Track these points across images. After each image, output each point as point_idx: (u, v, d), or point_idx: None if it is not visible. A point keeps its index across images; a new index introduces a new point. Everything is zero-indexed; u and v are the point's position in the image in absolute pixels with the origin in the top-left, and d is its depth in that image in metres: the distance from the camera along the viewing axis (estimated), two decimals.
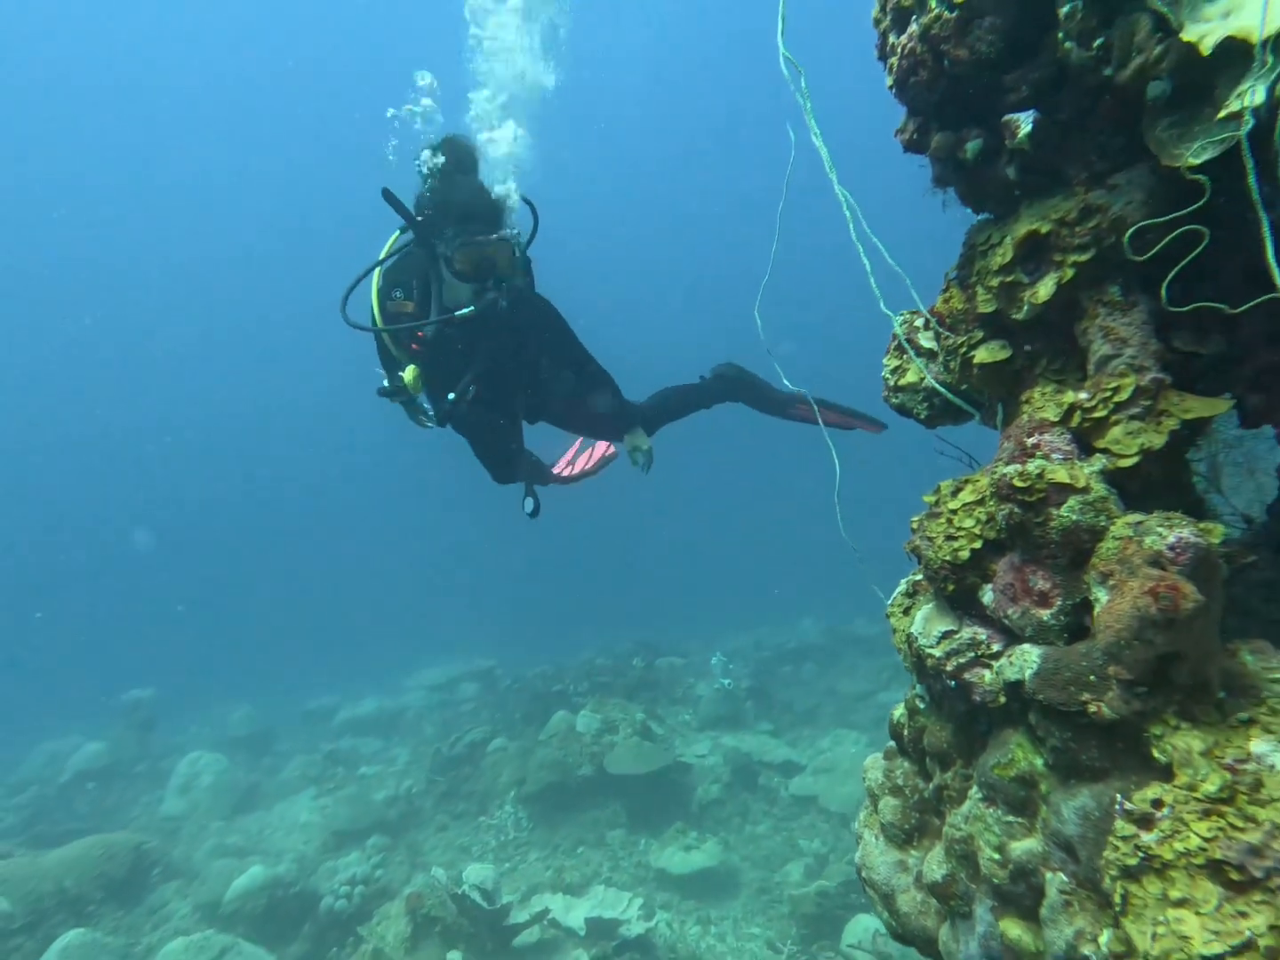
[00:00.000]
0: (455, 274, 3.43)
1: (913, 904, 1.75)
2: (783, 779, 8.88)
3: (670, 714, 10.84)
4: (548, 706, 10.28)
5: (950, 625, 1.64)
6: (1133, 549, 1.35)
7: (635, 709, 9.62)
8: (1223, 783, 1.25)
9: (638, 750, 8.45)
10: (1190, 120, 1.31)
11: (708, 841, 7.70)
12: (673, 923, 6.77)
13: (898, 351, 2.00)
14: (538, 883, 7.30)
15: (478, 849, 8.27)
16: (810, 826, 8.08)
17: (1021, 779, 1.53)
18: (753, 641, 14.50)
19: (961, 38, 1.50)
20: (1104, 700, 1.37)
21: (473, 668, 13.73)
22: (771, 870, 7.52)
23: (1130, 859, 1.26)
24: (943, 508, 1.66)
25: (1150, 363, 1.47)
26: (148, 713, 13.03)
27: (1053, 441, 1.51)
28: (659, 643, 13.85)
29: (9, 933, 6.84)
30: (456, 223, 3.38)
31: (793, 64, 1.65)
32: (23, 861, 7.75)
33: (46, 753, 12.99)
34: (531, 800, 8.53)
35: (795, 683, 12.24)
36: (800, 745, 9.76)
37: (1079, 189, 1.51)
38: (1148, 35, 1.32)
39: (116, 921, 7.33)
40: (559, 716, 9.36)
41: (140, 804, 10.83)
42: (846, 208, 1.66)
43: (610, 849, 7.88)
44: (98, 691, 14.68)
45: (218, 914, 7.17)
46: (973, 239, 1.75)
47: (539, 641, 15.21)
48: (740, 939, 6.64)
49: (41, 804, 11.09)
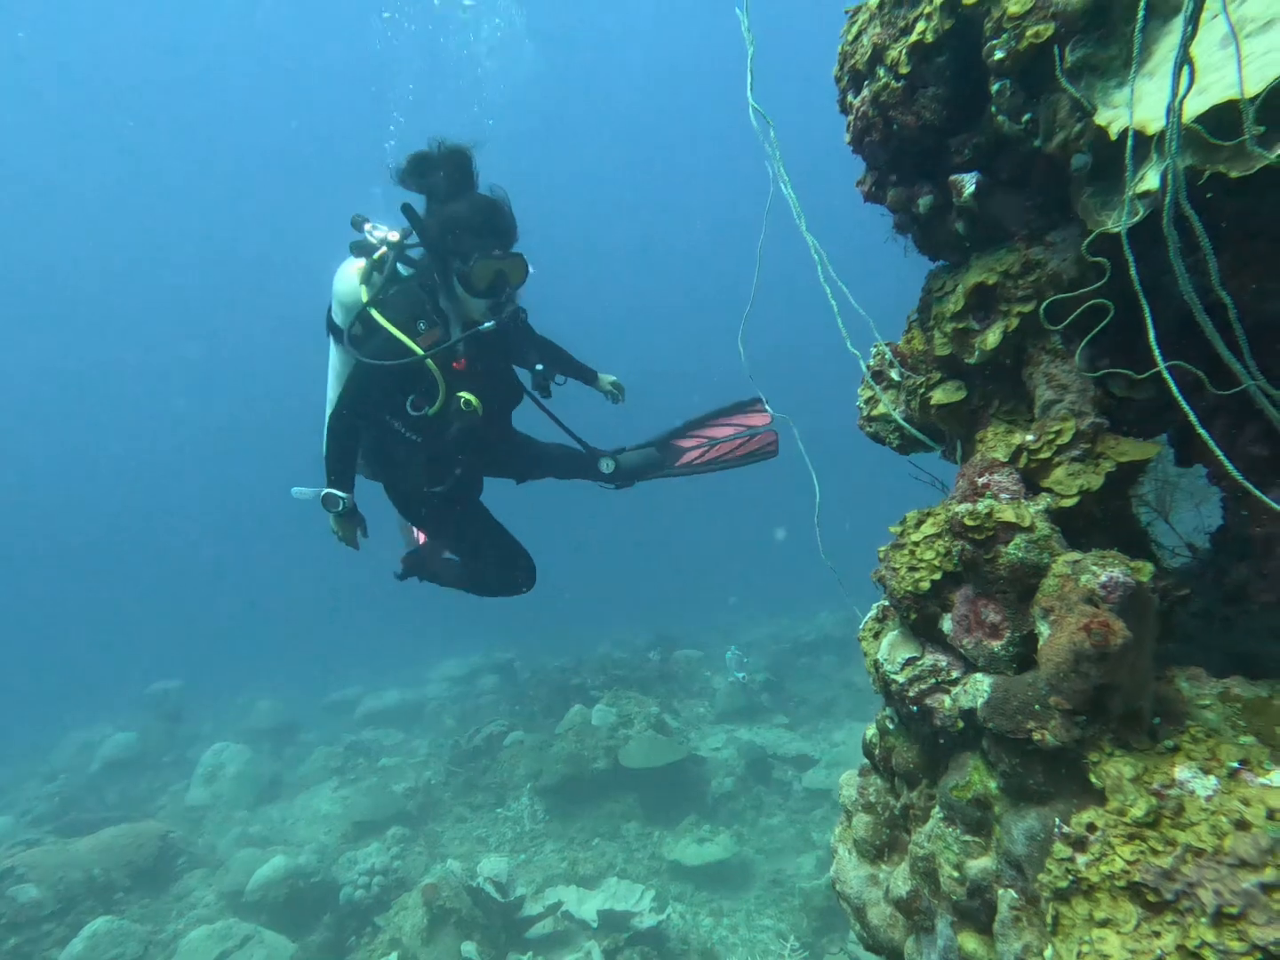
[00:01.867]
0: (471, 290, 3.39)
1: (882, 917, 1.84)
2: (797, 772, 8.97)
3: (686, 707, 10.96)
4: (566, 699, 10.42)
5: (913, 652, 1.73)
6: (1070, 586, 1.43)
7: (650, 702, 9.74)
8: (1149, 807, 1.34)
9: (652, 744, 8.57)
10: (1111, 190, 1.40)
11: (721, 834, 7.80)
12: (685, 914, 6.88)
13: (872, 382, 2.08)
14: (553, 874, 7.43)
15: (495, 840, 8.41)
16: (823, 819, 8.16)
17: (978, 801, 1.61)
18: (770, 634, 14.56)
19: (908, 105, 1.59)
20: (1047, 728, 1.45)
21: (492, 660, 13.89)
22: (784, 862, 7.62)
23: (1061, 881, 1.35)
24: (906, 539, 1.74)
25: (1089, 408, 1.56)
26: (174, 704, 13.33)
27: (1001, 481, 1.59)
28: (676, 635, 13.96)
29: (39, 919, 7.06)
30: (476, 237, 3.35)
31: (762, 116, 1.74)
32: (53, 849, 7.97)
33: (77, 742, 13.30)
34: (548, 793, 8.67)
35: (811, 675, 12.29)
36: (815, 738, 9.84)
37: (1020, 245, 1.60)
38: (1068, 114, 1.41)
39: (143, 909, 7.54)
40: (575, 710, 9.50)
41: (167, 793, 11.07)
42: (815, 252, 1.74)
43: (625, 841, 8.00)
44: (126, 682, 15.00)
45: (241, 902, 7.35)
46: (930, 285, 1.84)
47: (558, 634, 15.33)
48: (752, 930, 6.74)
49: (72, 792, 11.36)
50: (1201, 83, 1.15)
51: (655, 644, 12.95)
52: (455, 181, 3.41)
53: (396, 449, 3.79)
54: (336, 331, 3.61)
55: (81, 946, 6.47)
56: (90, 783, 11.72)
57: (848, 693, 11.37)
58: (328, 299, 3.65)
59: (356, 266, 3.53)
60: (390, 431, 3.73)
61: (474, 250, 3.33)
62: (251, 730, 12.81)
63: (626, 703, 9.46)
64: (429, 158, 3.40)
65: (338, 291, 3.56)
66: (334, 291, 3.58)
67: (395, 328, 3.35)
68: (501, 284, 3.41)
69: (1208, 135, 1.14)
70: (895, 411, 1.95)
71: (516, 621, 17.85)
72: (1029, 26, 1.41)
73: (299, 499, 3.77)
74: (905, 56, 1.56)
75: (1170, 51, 1.21)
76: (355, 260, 3.57)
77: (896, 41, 1.58)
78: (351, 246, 3.61)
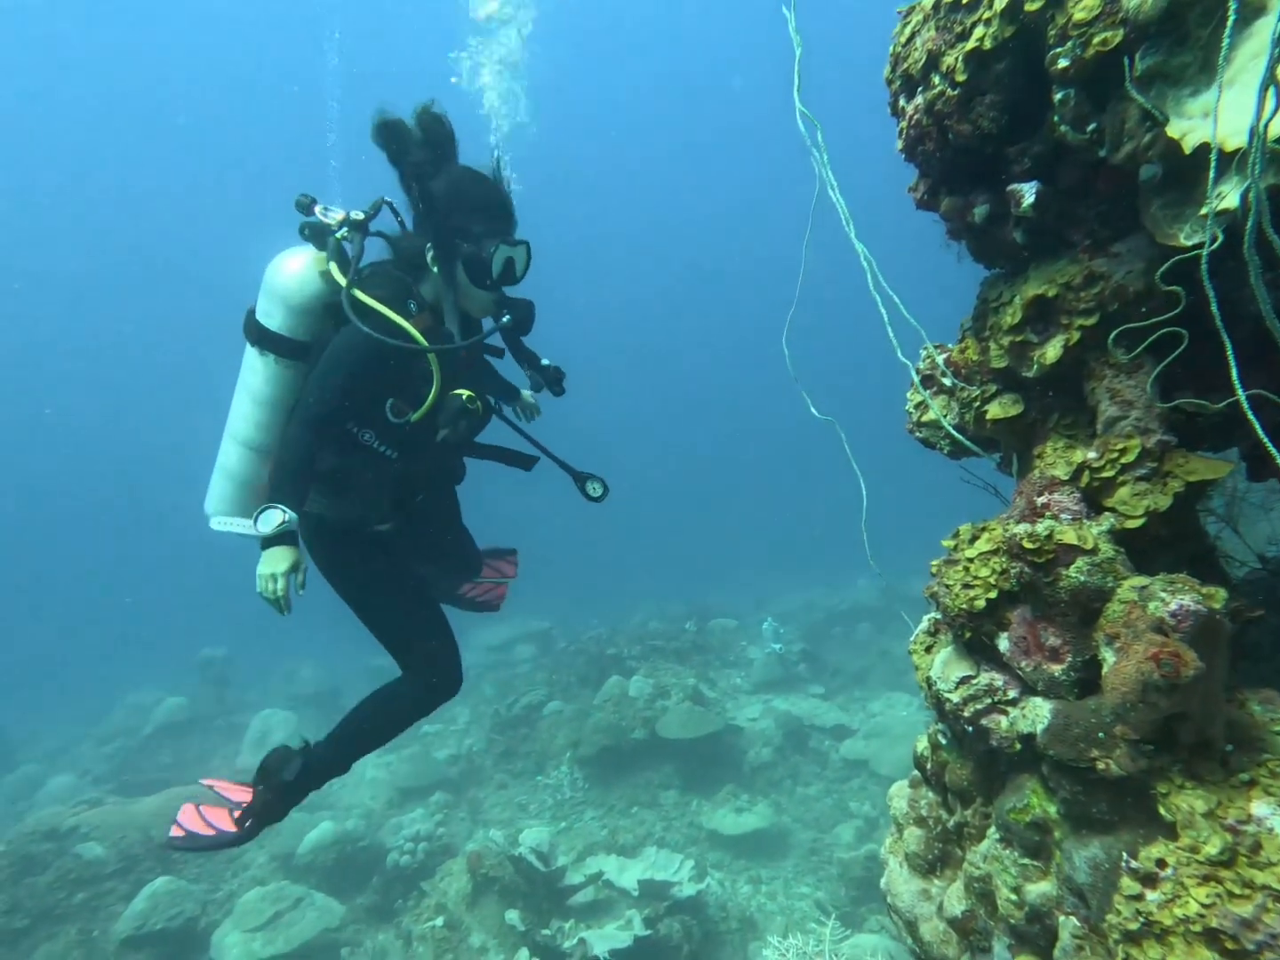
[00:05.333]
0: (480, 280, 2.89)
1: (935, 933, 1.82)
2: (834, 742, 8.96)
3: (722, 677, 10.97)
4: (603, 669, 10.48)
5: (968, 670, 1.69)
6: (1137, 614, 1.38)
7: (687, 673, 9.76)
8: (1224, 845, 1.29)
9: (688, 715, 8.61)
10: (1183, 202, 1.32)
11: (759, 803, 7.84)
12: (724, 882, 6.95)
13: (921, 387, 2.02)
14: (593, 842, 7.52)
15: (535, 807, 8.52)
16: (861, 789, 8.17)
17: (1036, 824, 1.58)
18: (804, 602, 14.50)
19: (964, 113, 1.51)
20: (1112, 758, 1.41)
21: (529, 629, 13.97)
22: (822, 832, 7.64)
23: (1132, 923, 1.31)
24: (960, 555, 1.70)
25: (1155, 425, 1.49)
26: (220, 670, 13.60)
27: (1062, 501, 1.53)
28: (712, 604, 13.94)
29: (103, 876, 7.31)
30: (488, 220, 2.87)
31: (809, 119, 1.66)
32: (114, 810, 8.22)
33: (131, 705, 13.64)
34: (587, 762, 8.75)
35: (848, 644, 12.24)
36: (852, 709, 9.82)
37: (1083, 255, 1.52)
38: (1137, 124, 1.33)
39: (199, 869, 7.77)
40: (613, 681, 9.55)
41: (219, 756, 11.35)
42: (865, 260, 1.68)
43: (663, 810, 8.07)
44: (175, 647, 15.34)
45: (292, 865, 7.54)
46: (985, 294, 1.77)
47: (594, 602, 15.37)
48: (790, 898, 6.80)
49: (127, 754, 11.71)
50: None
51: (691, 613, 12.94)
52: (443, 152, 2.89)
53: (358, 469, 3.05)
54: (263, 336, 2.97)
55: (144, 904, 6.71)
56: (144, 745, 12.04)
57: (884, 661, 11.32)
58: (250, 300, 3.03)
59: (305, 255, 2.96)
60: (356, 447, 3.03)
61: (485, 234, 2.83)
62: (296, 696, 13.05)
63: (664, 674, 9.49)
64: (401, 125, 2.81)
65: (276, 286, 2.95)
66: (269, 287, 2.97)
67: (388, 308, 2.76)
68: (509, 276, 2.92)
69: None
70: (946, 419, 1.89)
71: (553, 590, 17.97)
72: (1096, 33, 1.32)
73: (222, 531, 3.15)
74: (962, 64, 1.48)
75: (1251, 60, 1.13)
76: (300, 249, 2.99)
77: (953, 48, 1.50)
78: (301, 229, 3.01)
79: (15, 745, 13.49)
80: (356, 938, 6.52)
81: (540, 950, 5.79)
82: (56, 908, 6.65)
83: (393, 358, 2.76)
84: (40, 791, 10.69)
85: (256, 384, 3.01)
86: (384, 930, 6.65)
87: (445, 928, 6.19)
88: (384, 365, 2.80)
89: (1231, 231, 1.16)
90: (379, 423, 2.97)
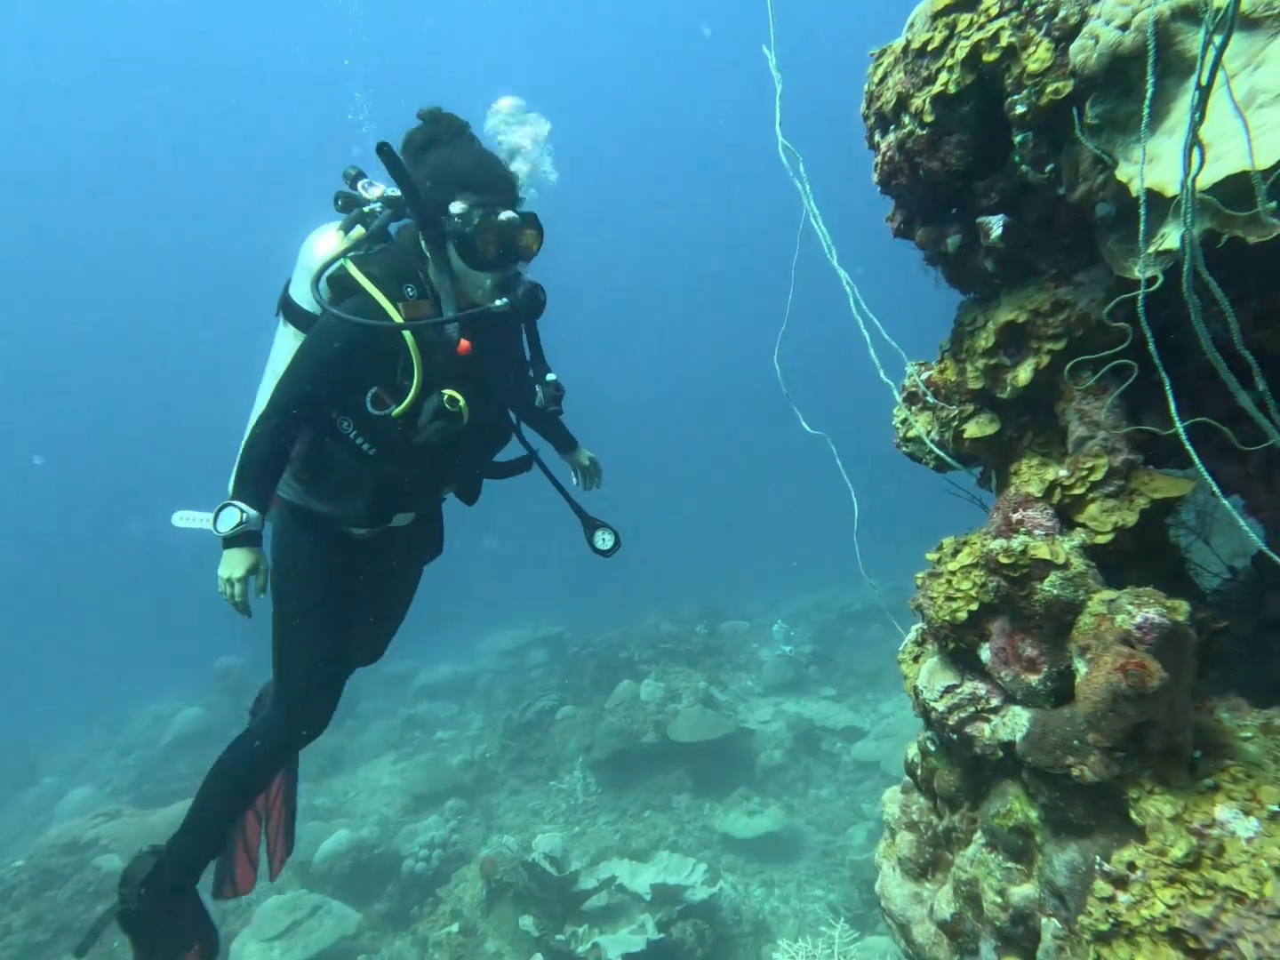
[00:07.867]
0: (472, 260, 2.63)
1: (926, 936, 1.88)
2: (846, 744, 8.99)
3: (733, 679, 11.03)
4: (614, 673, 10.55)
5: (952, 680, 1.75)
6: (1105, 626, 1.44)
7: (698, 677, 9.82)
8: (1189, 848, 1.35)
9: (700, 718, 8.67)
10: (1135, 238, 1.38)
11: (771, 806, 7.88)
12: (737, 885, 6.99)
13: (906, 404, 2.08)
14: (606, 846, 7.58)
15: (549, 812, 8.59)
16: (873, 791, 8.19)
17: (1019, 829, 1.64)
18: (815, 603, 14.52)
19: (933, 151, 1.59)
20: (1086, 764, 1.47)
21: (541, 634, 14.05)
22: (835, 834, 7.67)
23: (1103, 924, 1.37)
24: (943, 568, 1.76)
25: (1121, 445, 1.55)
26: (236, 680, 13.73)
27: (1036, 517, 1.60)
28: (723, 606, 13.99)
29: None
30: (475, 192, 2.61)
31: (791, 151, 1.73)
32: (132, 821, 8.29)
33: (149, 715, 13.78)
34: (599, 766, 8.82)
35: (859, 645, 12.26)
36: (863, 710, 9.85)
37: (1049, 284, 1.60)
38: (1090, 166, 1.41)
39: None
40: (624, 685, 9.61)
41: None
42: (847, 285, 1.75)
43: (676, 813, 8.12)
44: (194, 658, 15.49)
45: (309, 873, 7.60)
46: (961, 318, 1.84)
47: (606, 606, 15.43)
48: (803, 901, 6.83)
49: (146, 765, 11.83)
50: (1217, 149, 1.13)
51: (702, 616, 13.00)
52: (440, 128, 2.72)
53: (333, 458, 2.83)
54: (292, 310, 2.87)
55: None
56: (163, 755, 12.15)
57: (895, 663, 11.29)
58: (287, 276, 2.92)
59: (338, 232, 2.80)
60: (334, 435, 2.80)
61: (474, 208, 2.56)
62: None
63: (674, 677, 9.55)
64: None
65: (308, 262, 2.81)
66: (302, 262, 2.85)
67: (374, 285, 2.57)
68: (510, 254, 2.65)
69: (1221, 206, 1.13)
70: (928, 437, 1.95)
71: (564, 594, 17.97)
72: (1048, 83, 1.41)
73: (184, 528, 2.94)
74: (929, 105, 1.56)
75: (1187, 113, 1.19)
76: (334, 224, 2.84)
77: (920, 90, 1.58)
78: (336, 199, 2.87)
79: (38, 758, 13.64)
80: (373, 945, 6.57)
81: (554, 955, 5.84)
82: (77, 921, 6.70)
83: (362, 338, 2.55)
84: (60, 803, 10.83)
85: (283, 363, 2.79)
86: (400, 937, 6.70)
87: (461, 934, 6.25)
88: (352, 347, 2.59)
89: (1175, 269, 1.23)
90: (358, 412, 2.73)
